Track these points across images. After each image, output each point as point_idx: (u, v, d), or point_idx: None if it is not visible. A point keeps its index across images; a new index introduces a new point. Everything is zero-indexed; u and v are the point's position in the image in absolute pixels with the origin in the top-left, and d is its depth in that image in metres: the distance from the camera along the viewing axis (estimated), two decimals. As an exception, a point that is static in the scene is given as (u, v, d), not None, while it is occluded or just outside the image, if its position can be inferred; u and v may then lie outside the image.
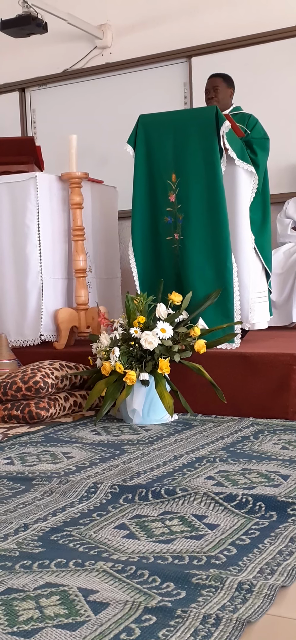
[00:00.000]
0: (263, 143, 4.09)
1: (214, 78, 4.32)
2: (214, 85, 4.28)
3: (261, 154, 4.03)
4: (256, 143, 4.04)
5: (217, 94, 4.25)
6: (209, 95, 4.27)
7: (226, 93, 4.29)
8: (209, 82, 4.32)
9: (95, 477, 2.45)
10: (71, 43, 6.22)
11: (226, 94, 4.29)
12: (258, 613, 1.46)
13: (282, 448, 2.78)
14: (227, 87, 4.30)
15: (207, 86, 4.32)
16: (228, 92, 4.31)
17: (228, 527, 1.96)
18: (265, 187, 4.08)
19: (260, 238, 4.04)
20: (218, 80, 4.29)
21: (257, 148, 4.03)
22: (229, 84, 4.32)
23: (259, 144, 4.05)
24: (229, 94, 4.31)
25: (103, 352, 3.45)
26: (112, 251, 4.95)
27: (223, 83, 4.29)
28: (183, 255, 3.82)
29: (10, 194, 4.25)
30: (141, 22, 5.97)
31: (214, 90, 4.26)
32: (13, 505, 2.20)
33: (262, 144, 4.08)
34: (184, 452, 2.77)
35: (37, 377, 3.48)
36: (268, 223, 4.12)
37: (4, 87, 6.58)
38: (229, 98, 4.32)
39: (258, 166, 3.99)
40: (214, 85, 4.27)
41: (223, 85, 4.28)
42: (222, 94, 4.26)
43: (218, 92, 4.25)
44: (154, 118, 3.94)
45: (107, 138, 6.01)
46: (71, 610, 1.49)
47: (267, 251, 4.11)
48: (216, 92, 4.25)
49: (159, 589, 1.58)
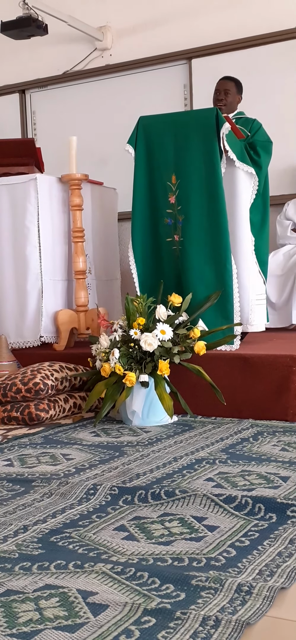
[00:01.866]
0: (267, 146, 4.10)
1: (227, 81, 4.31)
2: (225, 88, 4.27)
3: (264, 156, 4.04)
4: (260, 145, 4.05)
5: (227, 97, 4.24)
6: (219, 96, 4.26)
7: (235, 99, 4.30)
8: (221, 83, 4.31)
9: (94, 478, 2.45)
10: (71, 45, 6.22)
11: (234, 99, 4.30)
12: (258, 615, 1.46)
13: (282, 450, 2.78)
14: (237, 93, 4.31)
15: (218, 86, 4.30)
16: (237, 98, 4.32)
17: (228, 528, 1.96)
18: (265, 190, 4.08)
19: (258, 240, 4.04)
20: (230, 84, 4.29)
21: (261, 150, 4.03)
22: (239, 90, 4.34)
23: (263, 146, 4.06)
24: (237, 100, 4.32)
25: (103, 353, 3.46)
26: (112, 253, 4.96)
27: (234, 88, 4.29)
28: (182, 257, 3.82)
29: (10, 196, 4.25)
30: (141, 24, 5.97)
31: (225, 93, 4.25)
32: (12, 507, 2.20)
33: (266, 146, 4.08)
34: (183, 453, 2.77)
35: (37, 379, 3.48)
36: (267, 225, 4.12)
37: (4, 88, 6.58)
38: (237, 104, 4.32)
39: (261, 168, 3.99)
40: (226, 89, 4.26)
41: (234, 90, 4.29)
42: (231, 98, 4.26)
43: (228, 96, 4.25)
44: (155, 120, 3.94)
45: (107, 140, 6.01)
46: (70, 612, 1.49)
47: (263, 254, 4.11)
48: (226, 96, 4.24)
49: (158, 590, 1.58)
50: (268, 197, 4.12)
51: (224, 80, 4.33)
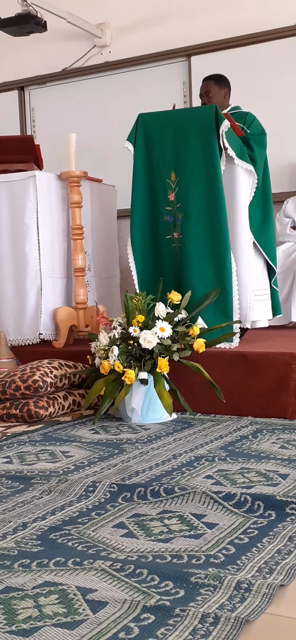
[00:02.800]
0: (260, 139, 4.06)
1: (206, 82, 4.27)
2: (206, 90, 4.23)
3: (258, 149, 4.01)
4: (252, 139, 4.02)
5: (210, 98, 4.20)
6: (203, 100, 4.24)
7: (220, 94, 4.23)
8: (202, 87, 4.28)
9: (94, 476, 2.45)
10: (70, 42, 6.22)
11: (219, 96, 4.22)
12: (257, 612, 1.46)
13: (281, 447, 2.78)
14: (220, 89, 4.23)
15: (200, 90, 4.28)
16: (222, 93, 4.24)
17: (227, 526, 1.97)
18: (265, 184, 4.05)
19: (262, 235, 4.02)
20: (210, 84, 4.24)
21: (254, 144, 4.01)
22: (221, 84, 4.26)
23: (256, 140, 4.03)
24: (223, 94, 4.25)
25: (102, 351, 3.45)
26: (111, 250, 4.95)
27: (215, 86, 4.22)
28: (182, 254, 3.82)
29: (9, 193, 4.24)
30: (141, 21, 5.97)
31: (207, 95, 4.22)
32: (12, 504, 2.20)
33: (259, 139, 4.05)
34: (183, 451, 2.77)
35: (36, 376, 3.48)
36: (271, 220, 4.09)
37: (3, 85, 6.58)
38: (224, 99, 4.26)
39: (256, 162, 3.97)
40: (206, 90, 4.23)
41: (215, 88, 4.22)
42: (215, 97, 4.20)
43: (211, 97, 4.19)
44: (154, 117, 3.94)
45: (106, 137, 6.01)
46: (70, 609, 1.49)
47: (271, 247, 4.08)
48: (209, 97, 4.20)
49: (157, 587, 1.58)
50: (270, 191, 4.08)
51: (204, 82, 4.28)
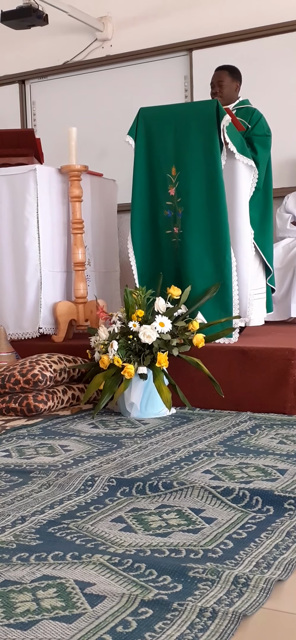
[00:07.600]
0: (265, 140, 4.04)
1: (219, 72, 4.24)
2: (218, 80, 4.20)
3: (262, 152, 3.99)
4: (257, 140, 4.00)
5: (221, 89, 4.18)
6: (214, 90, 4.22)
7: (232, 87, 4.22)
8: (215, 75, 4.25)
9: (92, 470, 2.45)
10: (71, 35, 6.20)
11: (231, 88, 4.22)
12: (254, 607, 1.46)
13: (279, 442, 2.79)
14: (232, 81, 4.22)
15: (212, 79, 4.25)
16: (234, 85, 4.23)
17: (225, 520, 1.97)
18: (267, 185, 4.04)
19: (262, 236, 4.02)
20: (223, 74, 4.21)
21: (258, 146, 3.99)
22: (234, 77, 4.24)
23: (260, 142, 4.01)
24: (234, 87, 4.23)
25: (101, 345, 3.46)
26: (111, 244, 4.95)
27: (228, 77, 4.21)
28: (182, 249, 3.82)
29: (9, 187, 4.24)
30: (142, 15, 5.95)
31: (219, 85, 4.20)
32: (10, 498, 2.20)
33: (263, 141, 4.03)
34: (181, 445, 2.77)
35: (36, 370, 3.48)
36: (270, 222, 4.09)
37: (4, 78, 6.56)
38: (235, 92, 4.24)
39: (259, 164, 3.96)
40: (219, 80, 4.20)
41: (228, 79, 4.20)
42: (227, 88, 4.19)
43: (223, 87, 4.18)
44: (155, 111, 3.93)
45: (107, 131, 6.00)
46: (68, 603, 1.49)
47: (270, 249, 4.09)
48: (221, 88, 4.19)
49: (155, 582, 1.58)
50: (271, 193, 4.07)
51: (217, 71, 4.26)
